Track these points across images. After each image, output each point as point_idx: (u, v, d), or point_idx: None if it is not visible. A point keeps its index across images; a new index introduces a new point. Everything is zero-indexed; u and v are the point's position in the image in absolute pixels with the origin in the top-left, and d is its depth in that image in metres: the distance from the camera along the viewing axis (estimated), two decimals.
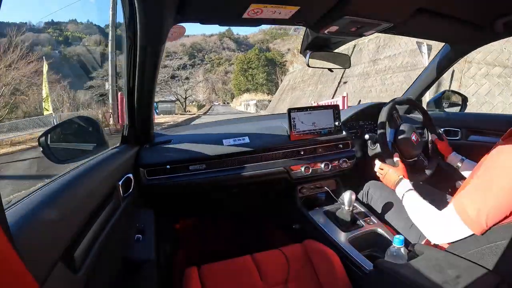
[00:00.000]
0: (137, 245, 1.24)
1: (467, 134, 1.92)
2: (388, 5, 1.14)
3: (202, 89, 53.88)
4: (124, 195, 1.18)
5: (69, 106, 14.47)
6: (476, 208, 0.91)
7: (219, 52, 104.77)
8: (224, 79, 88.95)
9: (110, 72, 14.53)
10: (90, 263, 0.77)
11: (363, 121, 2.03)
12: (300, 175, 1.70)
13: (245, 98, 51.25)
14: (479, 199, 0.92)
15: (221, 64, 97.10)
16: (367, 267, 1.30)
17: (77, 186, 0.83)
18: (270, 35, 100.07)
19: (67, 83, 24.53)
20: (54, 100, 15.33)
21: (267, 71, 64.72)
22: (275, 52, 76.89)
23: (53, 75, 25.59)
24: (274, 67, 63.91)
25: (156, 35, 1.03)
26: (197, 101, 54.07)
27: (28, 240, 0.55)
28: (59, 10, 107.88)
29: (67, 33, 76.75)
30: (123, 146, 1.41)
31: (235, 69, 73.40)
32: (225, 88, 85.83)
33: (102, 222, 0.92)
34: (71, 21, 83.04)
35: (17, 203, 0.63)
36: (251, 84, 64.52)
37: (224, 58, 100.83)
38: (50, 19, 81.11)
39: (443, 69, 1.98)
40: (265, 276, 1.28)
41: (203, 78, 59.68)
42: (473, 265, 0.95)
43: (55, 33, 76.24)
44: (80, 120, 1.24)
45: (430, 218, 1.09)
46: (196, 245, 2.11)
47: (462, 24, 1.42)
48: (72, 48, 65.75)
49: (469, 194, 0.95)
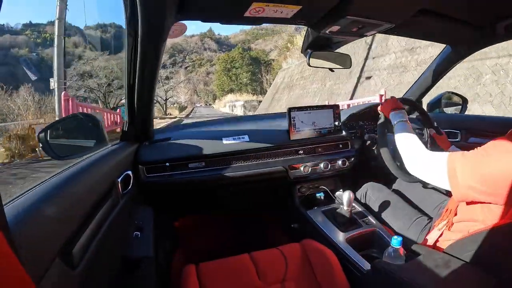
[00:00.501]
0: (135, 242, 1.24)
1: (467, 136, 1.92)
2: (390, 6, 1.13)
3: (184, 90, 52.19)
4: (123, 192, 1.18)
5: (34, 111, 13.11)
6: (466, 170, 0.92)
7: (200, 52, 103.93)
8: (206, 80, 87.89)
9: (56, 65, 10.33)
10: (89, 259, 0.77)
11: (363, 122, 2.04)
12: (299, 174, 1.70)
13: (229, 99, 48.48)
14: (470, 164, 0.92)
15: (203, 65, 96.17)
16: (365, 268, 1.30)
17: (76, 182, 0.83)
18: (252, 35, 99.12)
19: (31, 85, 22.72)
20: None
21: (252, 70, 61.87)
22: (259, 50, 74.82)
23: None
24: (258, 66, 60.13)
25: (158, 32, 1.03)
26: (178, 102, 51.25)
27: (26, 236, 0.55)
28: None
29: (45, 35, 74.11)
30: (123, 143, 1.42)
31: (217, 69, 71.20)
32: (207, 89, 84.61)
33: (101, 218, 0.92)
34: (49, 23, 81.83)
35: (15, 199, 0.63)
36: (235, 84, 62.36)
37: (206, 58, 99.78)
38: (28, 21, 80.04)
39: (443, 71, 1.98)
40: (263, 275, 1.28)
41: (184, 78, 58.00)
42: (471, 266, 0.95)
43: (33, 35, 74.72)
44: (80, 116, 1.24)
45: (418, 152, 1.12)
46: (195, 243, 2.11)
47: (464, 25, 1.43)
48: (50, 50, 65.31)
49: (465, 156, 0.96)
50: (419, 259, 1.05)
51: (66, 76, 11.16)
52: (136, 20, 0.94)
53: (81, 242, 0.75)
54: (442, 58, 1.90)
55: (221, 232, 2.25)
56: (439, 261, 1.02)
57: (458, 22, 1.39)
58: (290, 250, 1.39)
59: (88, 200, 0.86)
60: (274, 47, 63.70)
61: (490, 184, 0.88)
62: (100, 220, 0.91)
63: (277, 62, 46.94)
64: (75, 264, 0.70)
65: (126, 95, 1.28)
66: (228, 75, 64.10)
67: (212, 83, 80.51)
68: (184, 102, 55.25)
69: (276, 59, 49.71)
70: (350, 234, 1.49)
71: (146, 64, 1.14)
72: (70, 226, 0.72)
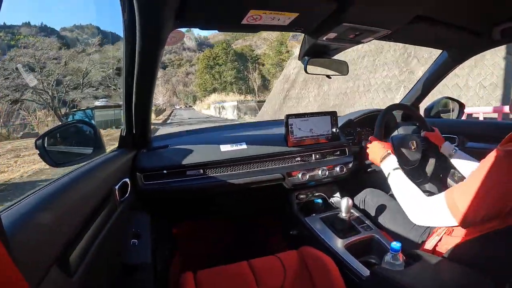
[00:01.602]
0: (133, 250, 1.24)
1: (464, 140, 1.93)
2: (386, 13, 1.15)
3: (162, 91, 49.40)
4: (121, 200, 1.18)
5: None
6: (465, 200, 0.91)
7: (179, 53, 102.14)
8: (186, 80, 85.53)
9: None
10: (86, 267, 0.77)
11: (361, 128, 2.04)
12: (297, 181, 1.70)
13: (213, 99, 43.63)
14: (469, 195, 0.92)
15: (182, 65, 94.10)
16: (364, 274, 1.29)
17: (73, 189, 0.83)
18: (231, 35, 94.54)
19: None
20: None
21: (237, 67, 57.11)
22: (244, 46, 69.29)
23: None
24: (244, 62, 57.84)
25: (156, 39, 1.03)
26: (156, 105, 47.25)
27: (23, 243, 0.55)
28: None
29: (19, 37, 73.04)
30: (120, 150, 1.41)
31: (199, 67, 65.13)
32: (186, 90, 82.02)
33: (98, 226, 0.92)
34: (24, 24, 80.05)
35: (12, 206, 0.63)
36: (219, 83, 57.20)
37: (185, 59, 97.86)
38: (2, 22, 78.96)
39: (440, 76, 2.00)
40: (261, 283, 1.27)
41: (162, 80, 55.32)
42: (469, 270, 0.95)
43: (6, 37, 71.40)
44: (78, 124, 1.24)
45: (417, 201, 1.10)
46: (193, 250, 2.10)
47: (460, 31, 1.44)
48: (24, 52, 64.05)
49: (461, 188, 0.95)
50: (418, 265, 1.05)
51: None
52: (134, 27, 0.94)
53: (78, 249, 0.75)
54: (438, 64, 1.92)
55: (218, 239, 2.24)
56: (438, 266, 1.02)
57: (455, 28, 1.41)
58: (288, 257, 1.38)
59: (86, 208, 0.86)
60: (264, 40, 60.22)
61: (493, 210, 0.88)
62: (98, 227, 0.91)
63: (268, 56, 44.74)
64: (72, 271, 0.70)
65: (123, 102, 1.28)
66: (211, 73, 59.03)
67: (192, 83, 77.85)
68: (162, 104, 52.92)
69: (267, 53, 47.05)
70: (348, 240, 1.49)
71: (144, 71, 1.14)
72: (67, 234, 0.72)
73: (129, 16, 0.93)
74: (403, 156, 1.58)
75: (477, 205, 0.89)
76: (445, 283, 0.95)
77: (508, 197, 0.85)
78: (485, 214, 0.89)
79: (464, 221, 0.92)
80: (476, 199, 0.89)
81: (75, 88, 22.64)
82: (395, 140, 1.62)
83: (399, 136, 1.67)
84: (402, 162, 1.58)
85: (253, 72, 47.28)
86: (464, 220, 0.91)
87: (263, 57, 51.23)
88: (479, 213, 0.89)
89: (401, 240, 1.36)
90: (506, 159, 0.86)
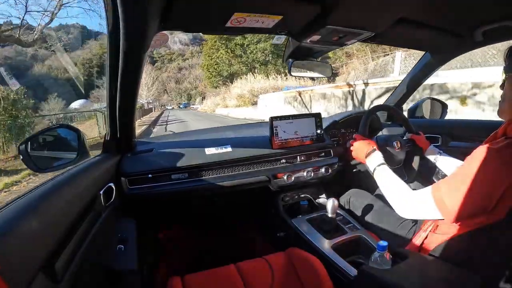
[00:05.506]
0: (119, 255, 1.22)
1: (447, 140, 1.96)
2: (370, 15, 1.16)
3: (147, 83, 42.21)
4: (106, 205, 1.16)
5: None
6: (452, 196, 0.93)
7: (170, 46, 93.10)
8: (178, 77, 78.19)
9: None
10: (72, 273, 0.76)
11: (345, 129, 2.06)
12: (282, 183, 1.70)
13: (249, 88, 25.97)
14: (455, 188, 0.94)
15: (174, 60, 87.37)
16: (352, 274, 1.30)
17: (57, 195, 0.82)
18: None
19: None
20: None
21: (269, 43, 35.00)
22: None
23: None
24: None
25: (140, 42, 1.02)
26: (139, 105, 32.67)
27: (7, 251, 0.54)
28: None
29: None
30: (105, 155, 1.39)
31: (205, 48, 45.48)
32: (179, 87, 75.00)
33: (84, 232, 0.91)
34: (5, 23, 77.53)
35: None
36: (242, 62, 38.06)
37: (177, 53, 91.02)
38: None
39: (423, 77, 2.03)
40: (249, 285, 1.27)
41: (152, 79, 47.13)
42: (456, 268, 0.96)
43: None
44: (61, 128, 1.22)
45: (403, 194, 1.12)
46: (179, 255, 2.09)
47: (443, 33, 1.47)
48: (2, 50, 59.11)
49: (448, 184, 0.97)
50: (405, 263, 1.06)
51: None
52: (118, 29, 0.93)
53: (64, 256, 0.74)
54: (421, 65, 1.95)
55: (205, 243, 2.23)
56: (425, 263, 1.03)
57: (437, 30, 1.43)
58: (275, 259, 1.38)
59: (70, 214, 0.85)
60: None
61: (479, 204, 0.90)
62: (83, 234, 0.90)
63: None
64: (58, 278, 0.69)
65: (107, 106, 1.27)
66: (228, 47, 39.28)
67: (185, 80, 71.21)
68: (146, 103, 44.05)
69: None
70: (335, 241, 1.50)
71: (128, 74, 1.13)
72: (52, 240, 0.71)
73: (113, 19, 0.92)
74: (388, 156, 1.60)
75: (464, 201, 0.91)
76: (432, 280, 0.96)
77: (494, 193, 0.88)
78: (472, 211, 0.91)
79: (451, 217, 0.94)
80: (463, 195, 0.91)
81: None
82: (379, 140, 1.64)
83: (384, 136, 1.69)
84: (387, 162, 1.60)
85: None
86: (451, 216, 0.93)
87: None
88: (466, 210, 0.91)
89: (388, 239, 1.37)
90: (492, 156, 0.89)
